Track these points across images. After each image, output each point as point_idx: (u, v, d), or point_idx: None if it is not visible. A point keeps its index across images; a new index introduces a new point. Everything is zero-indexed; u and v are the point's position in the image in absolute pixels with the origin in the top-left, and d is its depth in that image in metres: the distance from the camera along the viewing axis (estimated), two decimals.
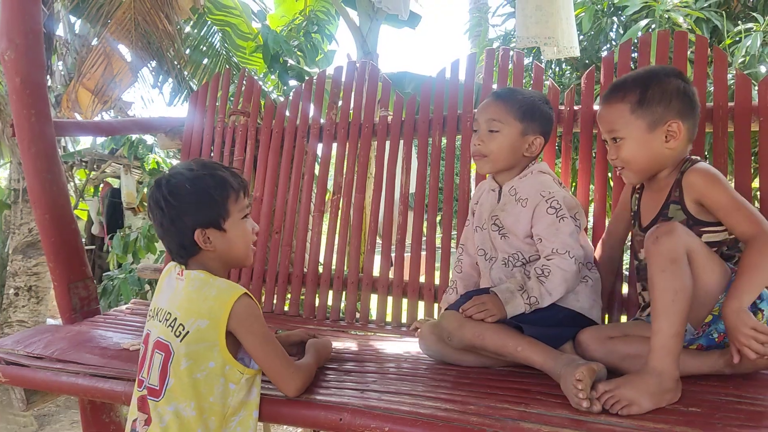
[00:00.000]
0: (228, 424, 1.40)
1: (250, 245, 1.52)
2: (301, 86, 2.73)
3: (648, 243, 1.44)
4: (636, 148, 1.60)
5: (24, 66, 2.19)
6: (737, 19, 4.00)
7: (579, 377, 1.33)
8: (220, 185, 1.44)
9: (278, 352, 1.45)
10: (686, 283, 1.39)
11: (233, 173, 1.49)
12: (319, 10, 6.08)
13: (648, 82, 1.60)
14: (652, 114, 1.58)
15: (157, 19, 4.80)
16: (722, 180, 1.53)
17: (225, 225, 1.45)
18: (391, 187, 2.43)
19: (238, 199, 1.46)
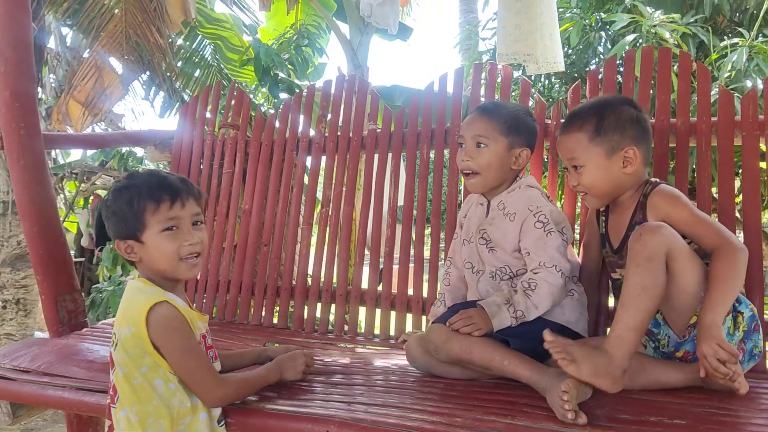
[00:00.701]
0: (177, 427, 1.37)
1: (176, 262, 1.39)
2: (291, 99, 2.75)
3: (631, 240, 1.48)
4: (596, 174, 1.67)
5: (14, 79, 2.19)
6: (723, 34, 4.06)
7: (565, 389, 1.34)
8: (136, 196, 1.38)
9: (199, 363, 1.38)
10: (657, 281, 1.43)
11: (163, 183, 1.39)
12: (310, 24, 6.12)
13: (603, 111, 1.67)
14: (609, 142, 1.66)
15: (148, 32, 4.81)
16: (683, 198, 1.60)
17: (143, 237, 1.38)
18: (380, 200, 2.44)
19: (158, 210, 1.37)
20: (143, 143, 3.21)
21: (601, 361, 1.38)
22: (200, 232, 1.43)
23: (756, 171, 1.90)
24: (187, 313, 1.40)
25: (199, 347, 1.41)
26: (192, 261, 1.41)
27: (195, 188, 1.44)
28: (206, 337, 1.46)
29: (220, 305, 2.59)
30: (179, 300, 1.41)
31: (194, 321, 1.42)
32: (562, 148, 1.74)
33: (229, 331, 2.35)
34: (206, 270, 2.66)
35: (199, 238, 1.42)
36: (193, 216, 1.41)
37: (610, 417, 1.37)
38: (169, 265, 1.39)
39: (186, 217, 1.40)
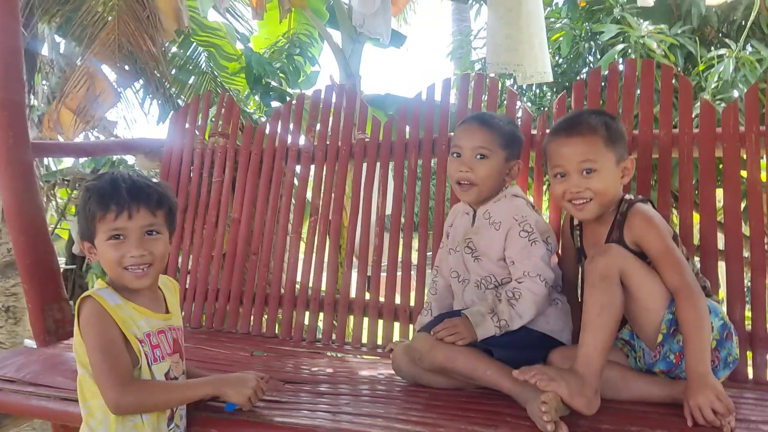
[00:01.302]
0: (126, 424, 1.36)
1: (120, 270, 1.37)
2: (280, 108, 2.76)
3: (586, 264, 1.52)
4: (608, 180, 1.64)
5: (2, 86, 2.20)
6: (711, 45, 4.09)
7: (544, 400, 1.35)
8: (90, 201, 1.37)
9: (103, 362, 1.33)
10: (613, 299, 1.46)
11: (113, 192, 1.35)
12: (302, 33, 6.13)
13: (607, 120, 1.68)
14: (618, 150, 1.65)
15: (141, 40, 4.81)
16: (660, 225, 1.60)
17: (95, 241, 1.38)
18: (368, 209, 2.45)
19: (103, 219, 1.35)
20: (133, 151, 3.22)
21: (574, 383, 1.39)
22: (153, 242, 1.38)
23: (737, 182, 1.92)
24: (117, 310, 1.36)
25: (113, 347, 1.34)
26: (137, 271, 1.37)
27: (154, 199, 1.39)
28: (151, 336, 1.40)
29: (209, 314, 2.59)
30: (112, 297, 1.38)
31: (132, 319, 1.38)
32: (571, 151, 1.65)
33: (217, 340, 2.35)
34: (195, 278, 2.66)
35: (148, 250, 1.37)
36: (145, 227, 1.37)
37: (592, 427, 1.38)
38: (113, 272, 1.38)
39: (133, 228, 1.36)
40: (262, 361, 2.11)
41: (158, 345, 1.42)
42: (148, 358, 1.38)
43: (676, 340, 1.50)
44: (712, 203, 1.94)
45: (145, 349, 1.38)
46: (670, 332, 1.50)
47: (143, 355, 1.37)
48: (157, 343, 1.42)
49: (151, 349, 1.40)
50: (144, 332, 1.39)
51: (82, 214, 1.39)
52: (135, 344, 1.36)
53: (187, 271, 2.71)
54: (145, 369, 1.38)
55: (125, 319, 1.37)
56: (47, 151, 3.20)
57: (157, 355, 1.41)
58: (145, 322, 1.41)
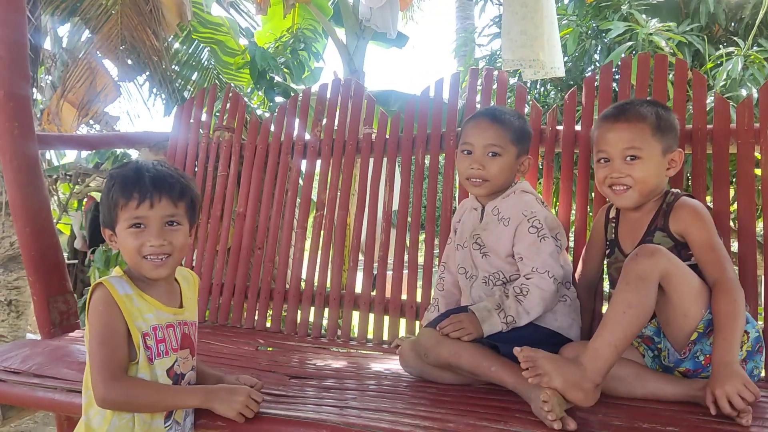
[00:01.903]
0: (122, 415, 1.35)
1: (139, 259, 1.36)
2: (286, 103, 2.74)
3: (627, 260, 1.47)
4: (651, 169, 1.63)
5: (8, 78, 2.18)
6: (718, 43, 4.08)
7: (544, 398, 1.33)
8: (113, 188, 1.37)
9: (98, 353, 1.32)
10: (644, 301, 1.41)
11: (136, 181, 1.35)
12: (307, 28, 6.11)
13: (658, 110, 1.66)
14: (667, 140, 1.64)
15: (144, 35, 4.80)
16: (708, 220, 1.59)
17: (116, 229, 1.38)
18: (374, 205, 2.44)
19: (126, 206, 1.35)
20: (138, 145, 3.21)
21: (572, 373, 1.36)
22: (174, 233, 1.38)
23: (751, 179, 1.90)
24: (126, 300, 1.35)
25: (112, 338, 1.33)
26: (156, 261, 1.37)
27: (178, 188, 1.39)
28: (158, 330, 1.39)
29: (213, 308, 2.58)
30: (123, 286, 1.37)
31: (140, 311, 1.37)
32: (617, 137, 1.65)
33: (222, 334, 2.34)
34: (199, 272, 2.65)
35: (168, 240, 1.37)
36: (166, 217, 1.37)
37: (603, 423, 1.37)
38: (131, 261, 1.38)
39: (154, 217, 1.35)
40: (267, 355, 2.09)
41: (164, 339, 1.40)
42: (151, 352, 1.37)
43: (710, 341, 1.47)
44: (726, 200, 1.92)
45: (150, 343, 1.37)
46: (706, 332, 1.48)
47: (142, 350, 1.35)
48: (162, 338, 1.40)
49: (156, 343, 1.38)
50: (151, 325, 1.38)
51: (105, 201, 1.39)
52: (136, 338, 1.35)
53: (191, 265, 2.69)
54: (144, 364, 1.36)
55: (132, 311, 1.36)
56: (51, 144, 3.19)
57: (161, 349, 1.39)
58: (154, 315, 1.39)
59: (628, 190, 1.65)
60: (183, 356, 1.44)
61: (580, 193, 2.12)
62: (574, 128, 2.16)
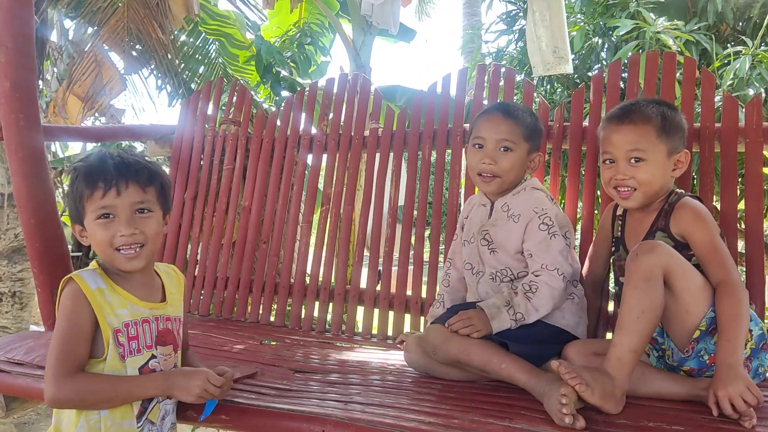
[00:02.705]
0: (89, 416, 1.30)
1: (111, 251, 1.30)
2: (293, 97, 2.74)
3: (628, 260, 1.47)
4: (655, 171, 1.63)
5: (14, 70, 2.18)
6: (726, 42, 4.05)
7: (564, 392, 1.33)
8: (77, 180, 1.32)
9: (54, 349, 1.27)
10: (655, 302, 1.42)
11: (100, 169, 1.30)
12: (313, 23, 6.10)
13: (664, 110, 1.65)
14: (672, 141, 1.63)
15: (150, 28, 4.80)
16: (709, 220, 1.58)
17: (85, 222, 1.32)
18: (380, 200, 2.43)
19: (91, 197, 1.29)
20: (143, 138, 3.20)
21: (606, 384, 1.38)
22: (145, 221, 1.33)
23: (759, 178, 1.89)
24: (97, 294, 1.30)
25: (74, 335, 1.28)
26: (129, 252, 1.31)
27: (145, 173, 1.33)
28: (129, 327, 1.33)
29: (218, 302, 2.58)
30: (95, 280, 1.31)
31: (112, 306, 1.31)
32: (622, 138, 1.65)
33: (226, 328, 2.34)
34: (204, 266, 2.65)
35: (140, 229, 1.31)
36: (135, 204, 1.31)
37: (608, 422, 1.36)
38: (104, 254, 1.32)
39: (123, 205, 1.30)
40: (272, 349, 2.09)
41: (136, 336, 1.34)
42: (123, 349, 1.31)
43: (714, 340, 1.47)
44: (734, 200, 1.91)
45: (121, 340, 1.31)
46: (709, 331, 1.47)
47: (112, 347, 1.30)
48: (135, 334, 1.34)
49: (128, 340, 1.32)
50: (123, 321, 1.32)
51: (70, 196, 1.34)
52: (106, 334, 1.30)
53: (196, 259, 2.69)
54: (114, 361, 1.31)
55: (103, 306, 1.30)
56: (56, 135, 3.18)
57: (132, 347, 1.33)
58: (128, 311, 1.33)
59: (633, 192, 1.65)
60: (165, 353, 1.39)
61: (586, 191, 2.11)
62: (581, 125, 2.15)
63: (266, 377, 1.72)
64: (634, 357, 1.41)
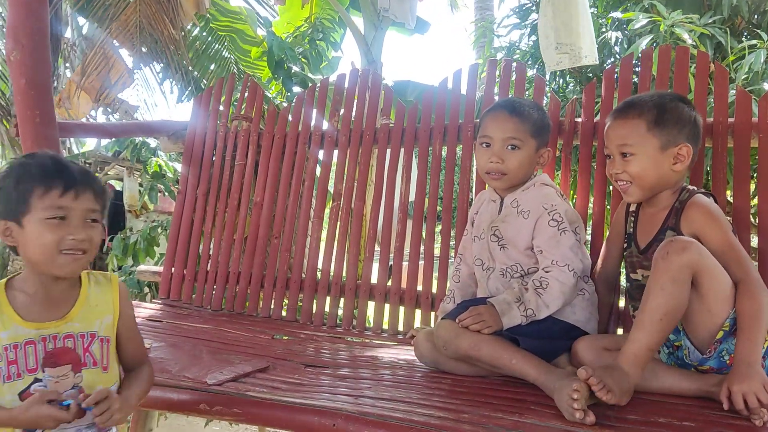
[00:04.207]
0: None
1: (55, 254, 1.24)
2: (304, 93, 2.75)
3: (657, 256, 1.44)
4: (646, 164, 1.62)
5: (29, 67, 2.21)
6: (741, 35, 4.01)
7: (576, 388, 1.33)
8: (25, 176, 1.24)
9: None
10: (679, 304, 1.41)
11: (60, 169, 1.26)
12: (325, 18, 6.10)
13: (665, 104, 1.63)
14: (667, 135, 1.61)
15: (161, 24, 4.82)
16: (721, 219, 1.56)
17: (24, 220, 1.24)
18: (391, 195, 2.44)
19: (46, 194, 1.23)
20: (156, 134, 3.23)
21: (624, 381, 1.39)
22: (93, 230, 1.28)
23: None
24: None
25: None
26: (74, 255, 1.25)
27: (99, 185, 1.30)
28: (8, 350, 1.25)
29: (230, 297, 2.60)
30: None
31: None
32: (613, 134, 1.67)
33: (239, 323, 2.36)
34: (216, 261, 2.67)
35: (89, 236, 1.27)
36: (88, 212, 1.27)
37: (618, 417, 1.36)
38: (43, 256, 1.24)
39: (77, 209, 1.26)
40: (283, 344, 2.11)
41: (15, 360, 1.25)
42: (0, 375, 1.24)
43: (735, 340, 1.45)
44: (747, 195, 1.89)
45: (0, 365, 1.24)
46: (731, 331, 1.45)
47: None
48: (14, 359, 1.25)
49: (7, 364, 1.24)
50: (2, 345, 1.24)
51: (9, 190, 1.25)
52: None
53: (208, 254, 2.71)
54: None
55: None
56: (72, 132, 3.21)
57: (12, 371, 1.25)
58: (9, 333, 1.25)
59: (630, 185, 1.65)
60: (57, 374, 1.28)
61: (597, 186, 2.10)
62: (593, 121, 2.14)
63: (278, 371, 1.73)
64: (649, 355, 1.43)
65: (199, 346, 1.99)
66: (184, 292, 2.69)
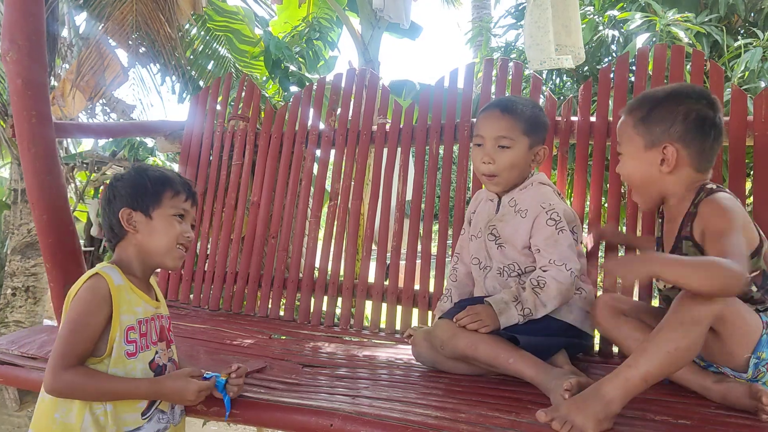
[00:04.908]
0: (94, 410, 1.35)
1: (174, 245, 1.47)
2: (301, 92, 2.75)
3: (683, 295, 1.32)
4: (632, 165, 1.56)
5: (26, 67, 2.19)
6: (737, 34, 4.02)
7: (567, 387, 1.34)
8: (160, 179, 1.49)
9: (63, 337, 1.33)
10: (694, 345, 1.28)
11: (184, 182, 1.52)
12: (322, 17, 6.10)
13: (662, 99, 1.53)
14: (651, 133, 1.51)
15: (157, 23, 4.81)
16: (730, 213, 1.39)
17: (152, 213, 1.46)
18: (388, 195, 2.44)
19: (176, 197, 1.49)
20: (154, 134, 3.23)
21: (600, 411, 1.25)
22: (191, 235, 1.53)
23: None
24: (120, 291, 1.38)
25: (83, 331, 1.33)
26: (182, 251, 1.50)
27: (197, 198, 1.58)
28: (142, 324, 1.41)
29: (227, 296, 2.60)
30: (117, 276, 1.39)
31: (130, 303, 1.39)
32: (617, 130, 1.62)
33: (236, 323, 2.36)
34: (213, 261, 2.67)
35: (193, 236, 1.53)
36: (193, 219, 1.56)
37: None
38: (166, 245, 1.46)
39: (191, 214, 1.53)
40: (281, 344, 2.11)
41: (146, 333, 1.43)
42: (135, 345, 1.39)
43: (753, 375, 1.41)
44: (742, 193, 1.90)
45: (133, 336, 1.39)
46: (753, 375, 1.41)
47: (119, 345, 1.35)
48: (146, 331, 1.43)
49: (140, 336, 1.41)
50: (137, 319, 1.41)
51: (146, 186, 1.46)
52: (113, 333, 1.35)
53: (206, 254, 2.71)
54: (119, 359, 1.36)
55: (122, 303, 1.38)
56: (68, 132, 3.21)
57: (142, 343, 1.42)
58: (142, 309, 1.44)
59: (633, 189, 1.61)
60: (161, 348, 1.48)
61: (594, 185, 2.11)
62: (589, 119, 2.14)
63: (275, 371, 1.74)
64: (642, 385, 1.27)
65: (196, 346, 1.99)
66: (181, 291, 2.69)
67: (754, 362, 1.39)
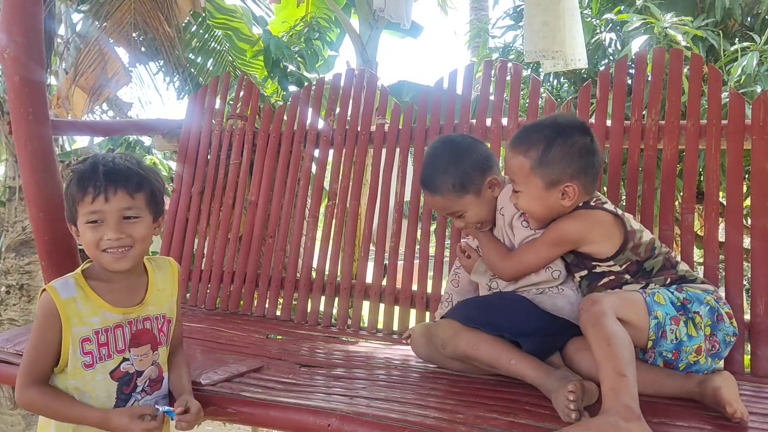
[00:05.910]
0: None
1: (99, 253, 1.37)
2: (299, 92, 2.75)
3: (579, 311, 1.49)
4: (531, 202, 1.62)
5: (23, 64, 2.19)
6: (734, 38, 4.03)
7: (571, 389, 1.34)
8: (71, 184, 1.38)
9: (27, 359, 1.37)
10: (614, 330, 1.38)
11: (95, 175, 1.35)
12: (321, 17, 6.10)
13: (553, 139, 1.58)
14: (550, 175, 1.58)
15: (156, 21, 4.80)
16: (565, 222, 1.61)
17: (78, 225, 1.39)
18: (386, 195, 2.44)
19: (83, 202, 1.35)
20: (151, 132, 3.21)
21: (611, 427, 1.24)
22: (133, 226, 1.38)
23: (765, 175, 1.89)
24: (68, 304, 1.36)
25: (39, 348, 1.36)
26: (116, 253, 1.37)
27: (134, 180, 1.38)
28: (99, 334, 1.39)
29: (224, 296, 2.60)
30: (67, 289, 1.38)
31: (80, 316, 1.37)
32: (506, 165, 1.68)
33: (233, 322, 2.36)
34: (211, 260, 2.66)
35: (127, 233, 1.36)
36: (122, 210, 1.36)
37: None
38: (92, 255, 1.39)
39: (111, 211, 1.35)
40: (278, 344, 2.11)
41: (106, 343, 1.40)
42: (92, 356, 1.38)
43: (667, 341, 1.50)
44: (739, 197, 1.91)
45: (89, 348, 1.37)
46: (659, 335, 1.50)
47: (74, 358, 1.36)
48: (105, 341, 1.39)
49: (97, 347, 1.38)
50: (93, 329, 1.38)
51: (66, 197, 1.40)
52: (66, 347, 1.36)
53: (203, 253, 2.71)
54: (75, 371, 1.37)
55: (71, 316, 1.36)
56: (64, 129, 3.20)
57: (102, 353, 1.39)
58: (99, 318, 1.39)
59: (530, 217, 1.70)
60: (140, 353, 1.44)
61: None
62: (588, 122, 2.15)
63: (272, 371, 1.73)
64: (625, 380, 1.30)
65: (193, 346, 1.99)
66: None
67: (654, 323, 1.49)
